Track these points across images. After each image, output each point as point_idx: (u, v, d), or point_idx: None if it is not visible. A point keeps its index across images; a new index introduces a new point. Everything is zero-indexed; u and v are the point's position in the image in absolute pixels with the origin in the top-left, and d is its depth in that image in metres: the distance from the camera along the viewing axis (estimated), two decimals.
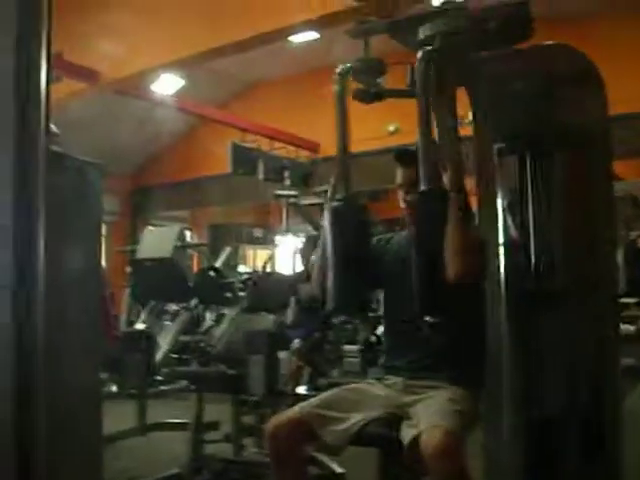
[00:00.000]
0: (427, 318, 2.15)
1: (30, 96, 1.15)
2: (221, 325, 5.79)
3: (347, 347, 7.91)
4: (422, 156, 2.16)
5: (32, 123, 1.15)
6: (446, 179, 2.14)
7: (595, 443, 2.74)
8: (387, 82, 2.64)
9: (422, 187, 2.11)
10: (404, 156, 2.39)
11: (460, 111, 2.91)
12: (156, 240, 6.58)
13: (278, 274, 5.01)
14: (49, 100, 1.24)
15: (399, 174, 2.41)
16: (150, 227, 7.33)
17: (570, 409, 2.73)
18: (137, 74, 8.91)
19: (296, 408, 2.22)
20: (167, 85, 11.48)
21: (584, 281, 2.83)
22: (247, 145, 10.26)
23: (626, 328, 7.59)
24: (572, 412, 2.73)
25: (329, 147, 12.56)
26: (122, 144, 11.69)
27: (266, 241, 12.32)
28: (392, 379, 2.35)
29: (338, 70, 2.49)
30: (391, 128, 10.55)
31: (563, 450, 2.71)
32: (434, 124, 2.58)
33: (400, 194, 2.41)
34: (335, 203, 2.43)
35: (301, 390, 5.42)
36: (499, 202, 2.95)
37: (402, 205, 2.42)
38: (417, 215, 2.18)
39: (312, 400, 2.27)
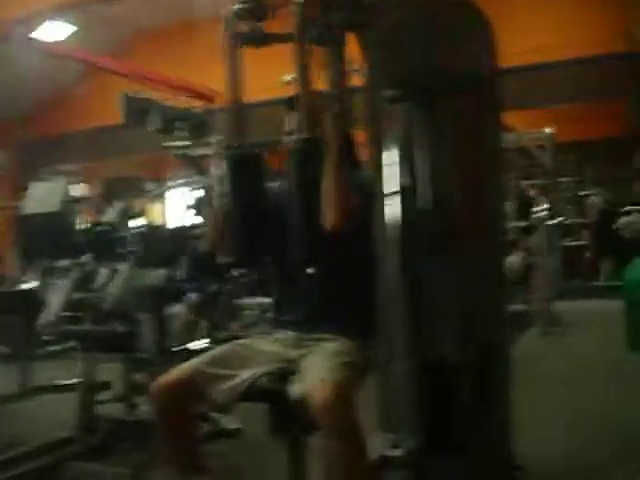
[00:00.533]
0: (307, 269, 2.14)
1: None
2: (113, 281, 5.62)
3: (246, 300, 7.90)
4: (300, 104, 2.14)
5: None
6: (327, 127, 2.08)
7: (485, 388, 2.81)
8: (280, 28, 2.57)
9: (299, 135, 2.11)
10: (292, 103, 2.32)
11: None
12: (43, 194, 6.29)
13: (169, 227, 4.86)
14: None
15: (287, 121, 2.35)
16: (36, 182, 6.98)
17: (461, 354, 2.78)
18: (22, 18, 8.42)
19: (182, 367, 2.16)
20: (55, 32, 10.93)
21: (473, 229, 2.87)
22: (139, 95, 9.91)
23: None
24: (463, 357, 2.79)
25: (223, 96, 12.30)
26: (7, 92, 11.07)
27: (160, 194, 12.02)
28: (281, 333, 2.31)
29: (224, 14, 2.38)
30: (287, 78, 10.40)
31: (454, 394, 2.77)
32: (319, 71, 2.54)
33: (290, 140, 2.34)
34: (230, 152, 2.36)
35: (198, 344, 5.35)
36: (389, 150, 2.94)
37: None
38: (294, 163, 2.15)
39: (199, 358, 2.21)
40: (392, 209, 2.83)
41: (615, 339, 5.10)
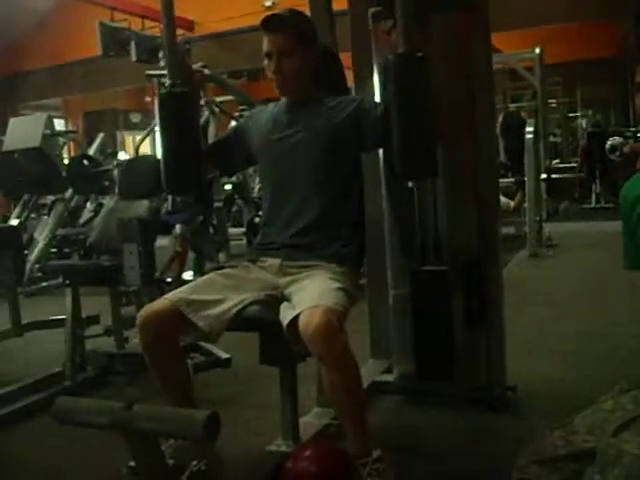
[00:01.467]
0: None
1: None
2: (98, 216, 5.56)
3: (232, 230, 7.86)
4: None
5: None
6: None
7: (478, 307, 2.80)
8: None
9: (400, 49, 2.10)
10: (271, 23, 2.23)
11: None
12: (23, 130, 6.18)
13: (151, 157, 4.76)
14: None
15: (266, 42, 2.24)
16: (15, 118, 6.84)
17: (453, 275, 2.76)
18: None
19: (167, 296, 2.11)
20: None
21: (465, 150, 2.81)
22: (117, 25, 9.66)
23: (506, 202, 7.82)
24: (455, 278, 2.76)
25: (204, 25, 12.07)
26: None
27: (144, 126, 11.86)
28: (268, 260, 2.26)
29: None
30: (268, 3, 10.13)
31: (447, 316, 2.75)
32: None
33: (267, 64, 2.26)
34: (161, 91, 2.37)
35: (185, 276, 5.32)
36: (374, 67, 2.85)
37: (270, 75, 2.27)
38: (395, 76, 2.11)
39: (183, 287, 2.16)
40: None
41: (607, 259, 5.09)
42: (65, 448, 2.62)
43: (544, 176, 8.39)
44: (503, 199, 7.17)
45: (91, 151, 7.08)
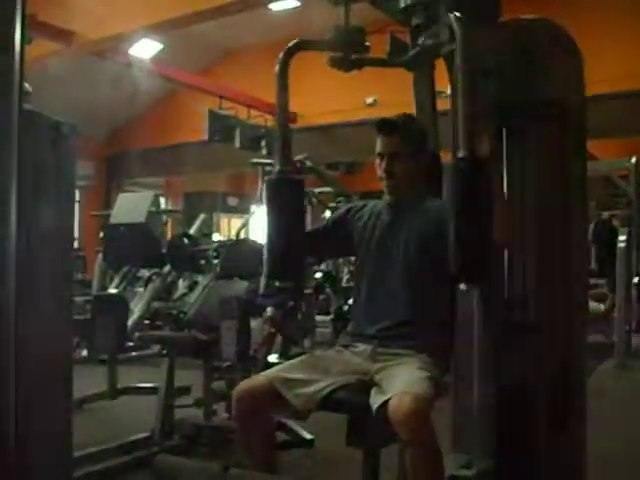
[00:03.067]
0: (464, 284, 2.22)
1: (6, 54, 1.14)
2: (194, 292, 5.79)
3: (320, 317, 7.98)
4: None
5: (6, 82, 1.14)
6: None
7: (562, 417, 2.80)
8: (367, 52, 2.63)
9: (460, 154, 2.15)
10: (386, 126, 2.40)
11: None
12: (130, 205, 6.52)
13: (251, 241, 4.98)
14: (23, 59, 1.22)
15: (380, 143, 2.40)
16: (124, 193, 7.27)
17: (539, 382, 2.78)
18: (114, 36, 8.78)
19: (263, 373, 2.24)
20: (145, 49, 11.33)
21: (558, 256, 2.87)
22: (224, 112, 10.19)
23: (596, 306, 7.69)
24: (541, 385, 2.78)
25: (306, 117, 12.49)
26: (97, 107, 11.53)
27: (241, 209, 12.30)
28: (360, 346, 2.35)
29: (289, 45, 2.46)
30: (369, 100, 10.52)
31: (531, 423, 2.77)
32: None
33: (379, 163, 2.41)
34: (270, 177, 2.45)
35: (273, 358, 5.45)
36: None
37: (380, 174, 2.42)
38: (457, 182, 2.18)
39: (278, 366, 2.29)
40: None
41: None
42: None
43: (636, 280, 8.17)
44: (593, 304, 7.07)
45: (191, 230, 7.41)
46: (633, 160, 9.32)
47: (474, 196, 2.17)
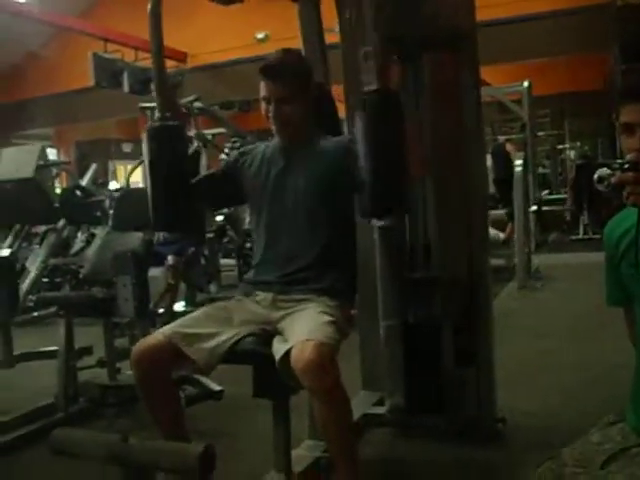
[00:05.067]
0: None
1: None
2: (91, 246, 5.58)
3: (224, 260, 7.87)
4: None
5: None
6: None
7: (468, 340, 2.83)
8: None
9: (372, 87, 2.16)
10: (270, 70, 2.27)
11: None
12: (16, 160, 6.19)
13: (145, 190, 4.79)
14: None
15: (265, 88, 2.28)
16: (8, 148, 6.86)
17: (445, 309, 2.80)
18: None
19: (161, 330, 2.14)
20: None
21: (455, 184, 2.86)
22: (110, 56, 9.74)
23: (495, 234, 7.85)
24: (447, 312, 2.80)
25: (197, 56, 12.14)
26: None
27: (137, 156, 11.94)
28: (261, 294, 2.28)
29: None
30: (260, 35, 10.27)
31: (438, 350, 2.79)
32: None
33: (265, 107, 2.29)
34: (149, 125, 2.43)
35: (179, 307, 5.34)
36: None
37: (268, 118, 2.30)
38: (372, 115, 2.17)
39: (177, 321, 2.19)
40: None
41: (595, 291, 5.13)
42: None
43: (534, 208, 8.46)
44: (493, 231, 7.23)
45: (84, 182, 7.11)
46: (525, 84, 9.49)
47: (391, 128, 2.16)
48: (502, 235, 8.12)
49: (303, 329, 2.00)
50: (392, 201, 2.23)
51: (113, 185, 8.12)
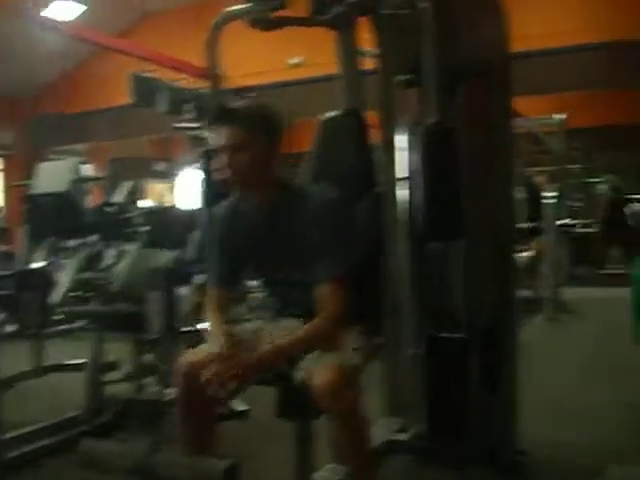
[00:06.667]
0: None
1: None
2: (122, 262, 5.63)
3: (251, 282, 7.86)
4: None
5: None
6: None
7: (493, 371, 2.83)
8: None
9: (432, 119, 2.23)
10: (221, 116, 2.17)
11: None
12: (51, 174, 6.29)
13: (177, 209, 4.86)
14: None
15: (218, 136, 2.13)
16: (45, 162, 6.99)
17: (471, 333, 2.80)
18: None
19: (202, 346, 2.16)
20: (65, 11, 10.92)
21: (483, 214, 2.87)
22: (148, 75, 9.88)
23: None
24: (471, 341, 2.80)
25: (232, 79, 12.28)
26: (16, 69, 11.07)
27: (168, 175, 12.04)
28: (283, 321, 2.29)
29: (216, 19, 2.40)
30: (294, 60, 10.36)
31: (461, 379, 2.79)
32: None
33: (219, 158, 2.15)
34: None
35: (201, 327, 5.35)
36: (400, 134, 2.94)
37: (223, 170, 2.14)
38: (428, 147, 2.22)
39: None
40: (402, 194, 2.85)
41: (622, 329, 5.09)
42: None
43: (563, 222, 8.20)
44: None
45: (117, 198, 7.19)
46: (560, 116, 9.46)
47: (450, 159, 2.24)
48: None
49: (323, 354, 2.02)
50: (449, 227, 2.26)
51: (143, 203, 8.19)
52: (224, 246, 2.30)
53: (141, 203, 8.27)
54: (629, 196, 11.57)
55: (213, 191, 2.19)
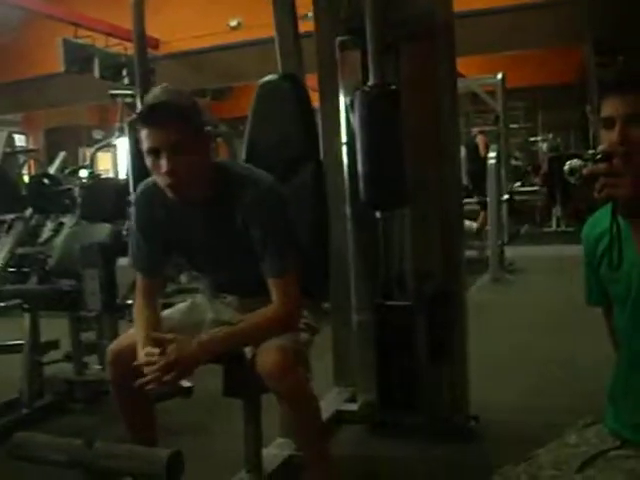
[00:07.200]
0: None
1: None
2: (59, 235, 5.47)
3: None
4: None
5: None
6: None
7: (442, 337, 2.80)
8: None
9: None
10: (153, 115, 1.88)
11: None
12: None
13: (114, 179, 4.71)
14: None
15: (152, 136, 1.86)
16: None
17: (417, 303, 2.76)
18: None
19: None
20: None
21: (429, 175, 2.82)
22: (80, 41, 9.57)
23: (469, 224, 7.87)
24: (419, 306, 2.77)
25: (169, 43, 11.95)
26: None
27: (108, 143, 11.77)
28: (228, 297, 2.20)
29: None
30: (233, 23, 10.15)
31: (410, 346, 2.76)
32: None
33: (152, 161, 1.89)
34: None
35: None
36: (341, 97, 2.86)
37: (158, 173, 1.89)
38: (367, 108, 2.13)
39: None
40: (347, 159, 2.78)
41: (568, 283, 5.13)
42: None
43: (506, 196, 8.41)
44: (466, 222, 7.22)
45: (52, 169, 6.99)
46: (499, 76, 9.49)
47: (392, 123, 2.19)
48: (475, 225, 8.13)
49: None
50: (398, 195, 2.20)
51: (84, 173, 7.98)
52: (146, 234, 2.10)
53: (81, 173, 8.08)
54: (567, 153, 11.71)
55: (141, 164, 1.95)
